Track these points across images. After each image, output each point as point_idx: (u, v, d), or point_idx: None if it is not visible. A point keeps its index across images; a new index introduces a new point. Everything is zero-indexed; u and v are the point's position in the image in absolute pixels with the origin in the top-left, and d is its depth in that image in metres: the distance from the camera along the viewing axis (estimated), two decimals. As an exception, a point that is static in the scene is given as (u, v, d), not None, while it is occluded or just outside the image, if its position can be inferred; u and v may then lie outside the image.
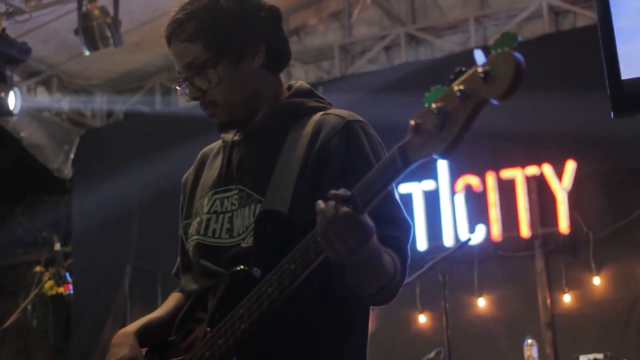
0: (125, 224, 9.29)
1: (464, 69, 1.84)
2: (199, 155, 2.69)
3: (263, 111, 2.48)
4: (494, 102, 1.76)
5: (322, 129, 2.38)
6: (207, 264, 2.41)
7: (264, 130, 2.47)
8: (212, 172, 2.56)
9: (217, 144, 2.64)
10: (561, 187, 7.62)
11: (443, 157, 1.87)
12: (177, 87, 2.50)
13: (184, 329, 2.46)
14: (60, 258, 7.05)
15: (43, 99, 9.48)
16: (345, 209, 1.96)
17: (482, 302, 7.70)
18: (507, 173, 7.85)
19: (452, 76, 1.86)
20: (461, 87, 1.80)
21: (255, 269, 2.25)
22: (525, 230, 7.75)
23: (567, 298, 7.59)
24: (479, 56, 1.80)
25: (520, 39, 1.80)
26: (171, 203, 9.05)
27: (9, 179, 10.74)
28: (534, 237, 7.77)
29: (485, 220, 7.76)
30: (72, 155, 9.75)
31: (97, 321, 9.10)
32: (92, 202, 9.57)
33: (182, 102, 9.95)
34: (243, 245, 2.35)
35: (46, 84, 9.49)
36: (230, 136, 2.55)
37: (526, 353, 6.54)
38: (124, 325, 8.80)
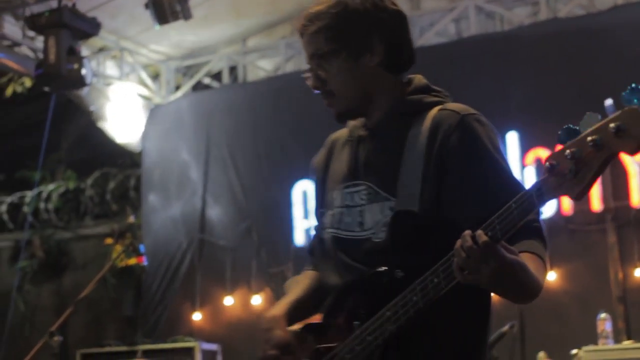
0: (193, 197, 9.35)
1: (599, 117, 1.96)
2: (327, 141, 2.86)
3: (382, 108, 2.63)
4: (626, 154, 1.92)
5: (440, 125, 2.51)
6: (344, 258, 2.60)
7: (387, 127, 2.62)
8: (340, 164, 2.74)
9: (344, 132, 2.80)
10: (633, 160, 7.49)
11: (577, 199, 2.03)
12: (304, 76, 2.69)
13: (330, 319, 2.64)
14: (134, 230, 7.11)
15: (112, 72, 9.55)
16: (484, 238, 2.13)
17: (552, 276, 7.61)
18: (578, 146, 7.73)
19: (584, 120, 1.99)
20: (595, 137, 1.93)
21: (397, 270, 2.45)
22: (596, 204, 7.64)
23: (639, 272, 7.49)
24: (610, 107, 1.92)
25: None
26: (236, 176, 9.15)
27: (79, 153, 10.89)
28: (605, 210, 7.66)
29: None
30: (140, 129, 9.82)
31: (166, 293, 9.19)
32: (160, 175, 9.65)
33: (249, 76, 10.03)
34: (374, 239, 2.53)
35: (115, 58, 9.56)
36: (356, 132, 2.71)
37: (599, 327, 6.45)
38: (193, 297, 8.94)
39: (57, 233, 11.03)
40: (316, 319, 2.70)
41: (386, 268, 2.47)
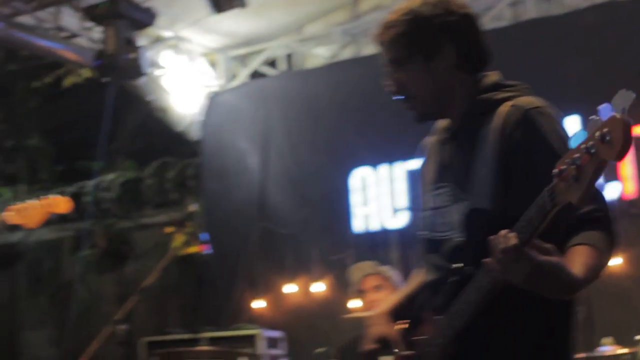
0: (252, 185, 9.38)
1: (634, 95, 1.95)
2: (423, 148, 3.00)
3: (459, 109, 2.76)
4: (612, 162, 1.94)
5: (507, 122, 2.60)
6: (434, 257, 2.75)
7: (463, 128, 2.75)
8: (431, 167, 2.89)
9: (433, 138, 2.94)
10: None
11: (580, 205, 2.07)
12: (385, 83, 2.83)
13: (422, 313, 2.80)
14: (196, 219, 7.16)
15: (169, 62, 9.59)
16: (513, 240, 2.19)
17: (618, 261, 7.50)
18: (641, 129, 7.63)
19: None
20: (589, 143, 1.98)
21: (468, 267, 2.55)
22: (661, 186, 7.53)
23: None
24: (604, 112, 1.96)
25: (634, 95, 1.93)
26: (294, 164, 9.17)
27: (138, 142, 10.97)
28: (670, 193, 7.54)
29: (619, 178, 7.56)
30: (199, 118, 9.86)
31: (228, 281, 9.22)
32: (219, 163, 9.69)
33: (305, 63, 10.02)
34: (455, 239, 2.66)
35: (172, 47, 9.59)
36: (442, 134, 2.85)
37: (665, 312, 6.37)
38: (254, 285, 8.98)
39: (117, 222, 11.13)
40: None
41: (459, 265, 2.60)
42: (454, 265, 2.61)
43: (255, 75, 10.10)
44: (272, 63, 9.99)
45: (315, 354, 6.26)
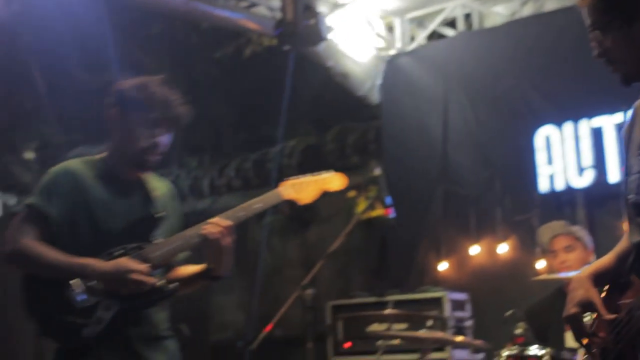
0: (434, 147, 9.31)
1: None
2: (635, 106, 3.00)
3: None
4: None
5: None
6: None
7: None
8: (638, 131, 2.92)
9: None
10: None
11: None
12: (591, 46, 2.89)
13: (629, 276, 2.80)
14: (382, 183, 7.14)
15: (347, 27, 9.59)
16: None
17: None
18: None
19: None
20: None
21: None
22: None
23: None
24: None
25: None
26: (475, 124, 9.03)
27: (318, 109, 11.06)
28: None
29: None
30: (377, 82, 9.85)
31: (411, 246, 9.22)
32: (399, 126, 9.67)
33: (485, 22, 9.81)
34: None
35: (350, 12, 9.58)
36: None
37: None
38: (438, 247, 8.93)
39: (300, 188, 11.25)
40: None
41: None
42: None
43: (433, 36, 10.00)
44: (450, 23, 9.86)
45: (505, 317, 6.16)
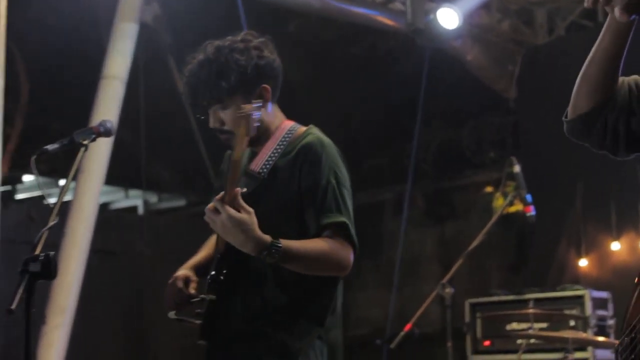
0: (573, 142, 9.09)
1: None
2: None
3: None
4: None
5: None
6: None
7: None
8: None
9: None
10: None
11: None
12: None
13: None
14: (520, 179, 7.03)
15: (484, 20, 9.49)
16: None
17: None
18: None
19: None
20: None
21: None
22: None
23: None
24: None
25: None
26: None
27: (455, 103, 10.97)
28: None
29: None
30: (515, 75, 9.72)
31: (551, 241, 9.06)
32: (536, 120, 9.50)
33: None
34: None
35: (486, 6, 9.49)
36: None
37: None
38: (579, 245, 8.75)
39: (437, 183, 11.21)
40: None
41: None
42: None
43: (572, 27, 9.79)
44: (589, 14, 9.63)
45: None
